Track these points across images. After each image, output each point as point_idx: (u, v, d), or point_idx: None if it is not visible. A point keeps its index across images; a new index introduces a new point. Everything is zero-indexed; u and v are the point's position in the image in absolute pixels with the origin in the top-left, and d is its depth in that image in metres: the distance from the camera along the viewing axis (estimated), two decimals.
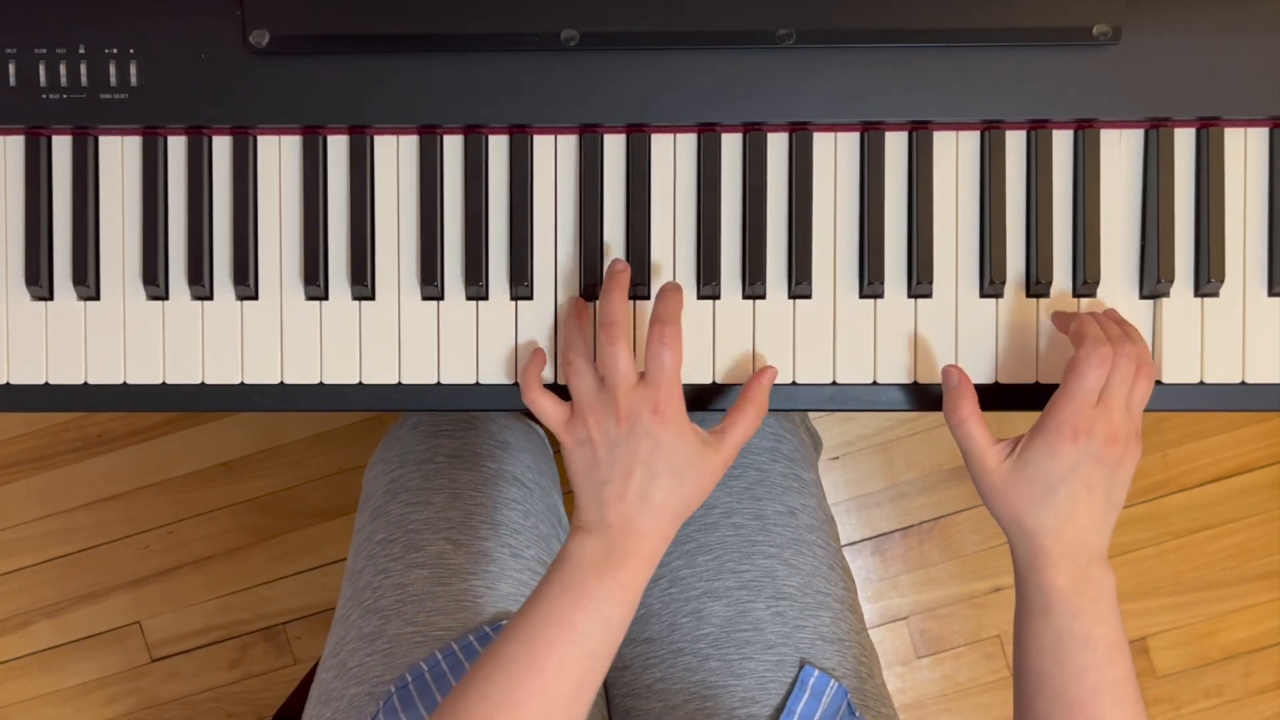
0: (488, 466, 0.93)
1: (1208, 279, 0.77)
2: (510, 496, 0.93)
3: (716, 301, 0.78)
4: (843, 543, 0.98)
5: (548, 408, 0.73)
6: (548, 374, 0.78)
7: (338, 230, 0.78)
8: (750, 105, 0.76)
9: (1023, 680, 0.71)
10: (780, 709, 0.84)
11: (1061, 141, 0.78)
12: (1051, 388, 0.77)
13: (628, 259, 0.78)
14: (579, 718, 0.68)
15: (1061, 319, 0.76)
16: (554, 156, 0.78)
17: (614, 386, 0.71)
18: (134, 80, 0.76)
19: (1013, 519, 0.71)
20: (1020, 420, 0.72)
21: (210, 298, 0.78)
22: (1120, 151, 0.78)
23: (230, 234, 0.78)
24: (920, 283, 0.77)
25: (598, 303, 0.74)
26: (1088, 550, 0.69)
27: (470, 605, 0.87)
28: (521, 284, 0.77)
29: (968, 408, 0.73)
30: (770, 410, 0.78)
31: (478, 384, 0.78)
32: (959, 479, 1.60)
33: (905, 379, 0.78)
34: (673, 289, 0.73)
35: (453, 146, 0.78)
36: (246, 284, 0.77)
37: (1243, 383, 0.78)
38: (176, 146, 0.78)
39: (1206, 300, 0.78)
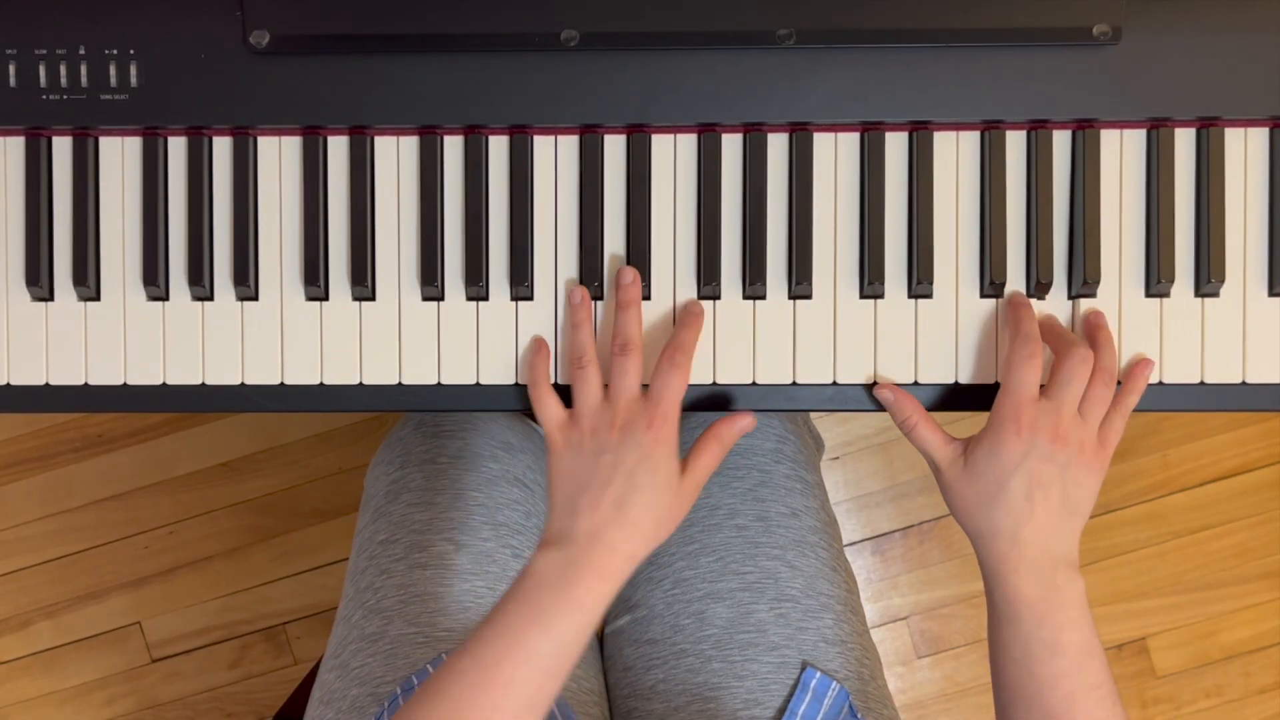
0: (490, 467, 0.93)
1: (1208, 279, 0.77)
2: (512, 497, 0.93)
3: (716, 302, 0.78)
4: (843, 543, 0.98)
5: (552, 407, 0.73)
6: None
7: (338, 230, 0.78)
8: (750, 105, 0.76)
9: (999, 689, 0.71)
10: (782, 711, 0.84)
11: (1061, 141, 0.78)
12: None
13: (628, 259, 0.78)
14: None
15: (1009, 306, 0.76)
16: (554, 157, 0.78)
17: (617, 396, 0.71)
18: (134, 81, 0.76)
19: (970, 520, 0.72)
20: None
21: (211, 298, 0.78)
22: (1120, 151, 0.78)
23: (230, 234, 0.78)
24: (920, 283, 0.77)
25: (615, 319, 0.74)
26: (1050, 556, 0.69)
27: (473, 606, 0.87)
28: (522, 284, 0.77)
29: (914, 414, 0.75)
30: (771, 411, 0.78)
31: (478, 384, 0.78)
32: None
33: (906, 379, 0.78)
34: (694, 318, 0.75)
35: (453, 147, 0.78)
36: (247, 284, 0.77)
37: (1243, 383, 0.78)
38: (176, 147, 0.78)
39: (1206, 300, 0.78)
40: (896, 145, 0.78)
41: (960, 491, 0.72)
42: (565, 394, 0.75)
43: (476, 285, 0.77)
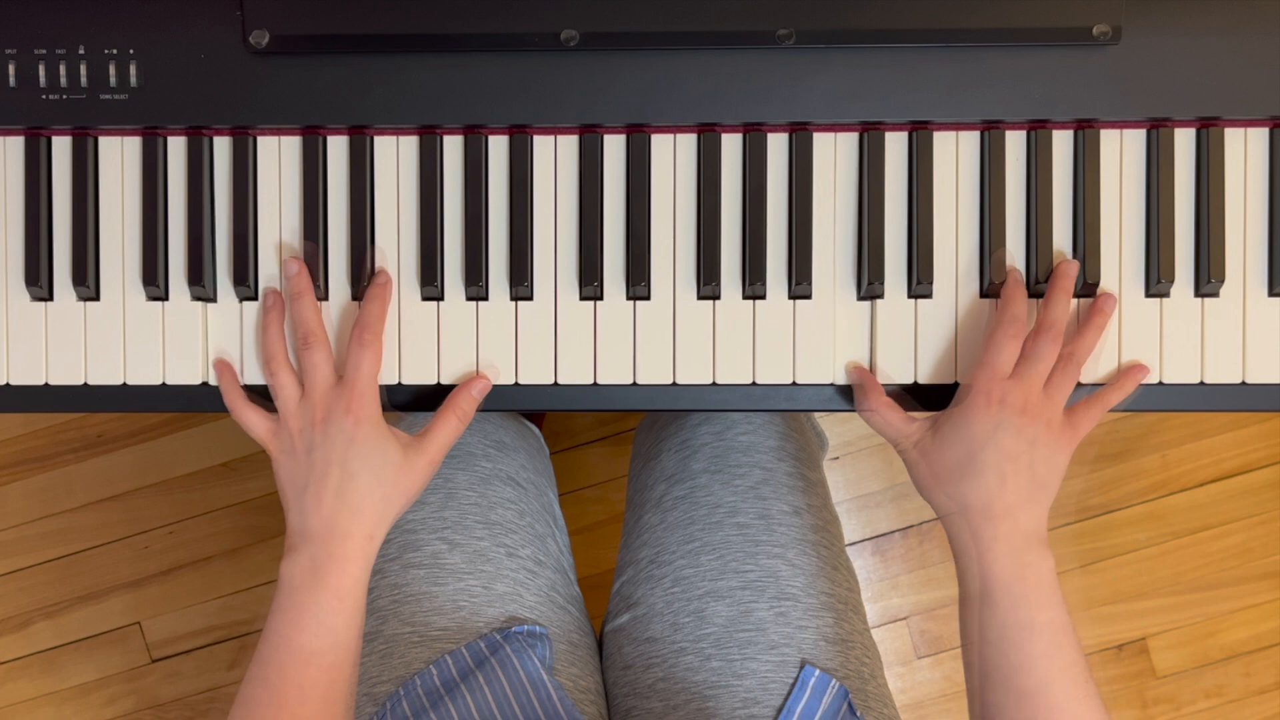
0: (483, 466, 0.93)
1: (1208, 279, 0.77)
2: (505, 496, 0.93)
3: (716, 302, 0.78)
4: (844, 543, 0.98)
5: (255, 420, 0.75)
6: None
7: (337, 230, 0.78)
8: (750, 105, 0.76)
9: (971, 671, 0.71)
10: (781, 709, 0.84)
11: (1061, 141, 0.78)
12: None
13: (627, 259, 0.78)
14: None
15: (1006, 285, 0.77)
16: (554, 157, 0.78)
17: (312, 390, 0.73)
18: (134, 81, 0.76)
19: (939, 495, 0.72)
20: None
21: (210, 298, 0.78)
22: (1120, 151, 0.78)
23: (230, 235, 0.78)
24: (920, 283, 0.77)
25: (290, 311, 0.75)
26: (1022, 533, 0.70)
27: (467, 605, 0.87)
28: (522, 284, 0.77)
29: (874, 397, 0.75)
30: (771, 411, 0.78)
31: None
32: None
33: (906, 379, 0.78)
34: (377, 297, 0.75)
35: (453, 147, 0.78)
36: (246, 285, 0.77)
37: (1243, 383, 0.78)
38: (176, 147, 0.78)
39: (1206, 300, 0.78)
40: (896, 145, 0.78)
41: (929, 465, 0.73)
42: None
43: (476, 285, 0.77)
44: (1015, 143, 0.78)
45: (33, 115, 0.76)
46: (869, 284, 0.77)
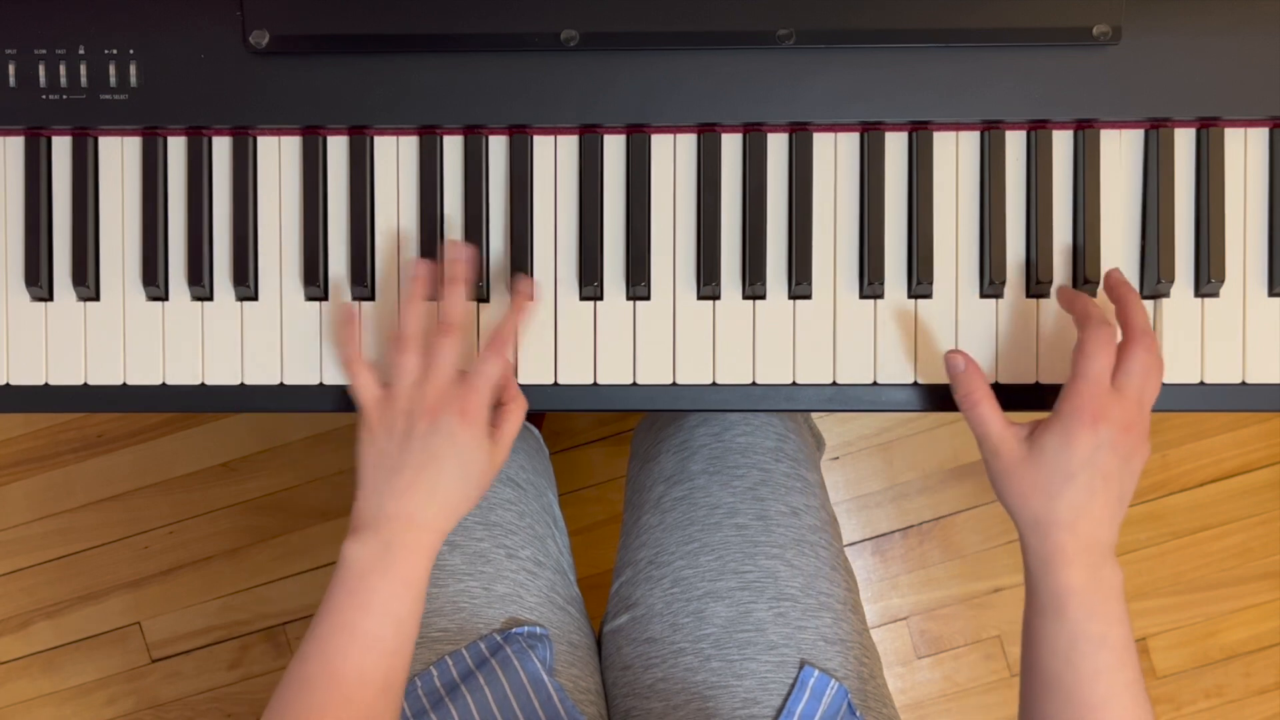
0: None
1: (1208, 279, 0.77)
2: (505, 497, 0.93)
3: (716, 302, 0.78)
4: (843, 543, 0.98)
5: (366, 383, 0.74)
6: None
7: (338, 230, 0.78)
8: (750, 105, 0.76)
9: (1032, 681, 0.70)
10: (781, 709, 0.84)
11: (1061, 141, 0.78)
12: (1052, 388, 0.77)
13: (627, 259, 0.78)
14: (391, 718, 0.68)
15: (1066, 295, 0.74)
16: (554, 157, 0.78)
17: (433, 376, 0.72)
18: (134, 81, 0.76)
19: (1025, 507, 0.69)
20: (1021, 420, 0.72)
21: (210, 298, 0.78)
22: (1120, 151, 0.78)
23: (230, 235, 0.78)
24: (920, 283, 0.77)
25: (441, 295, 0.74)
26: (1100, 547, 0.68)
27: (467, 606, 0.87)
28: None
29: (979, 390, 0.72)
30: (771, 411, 0.78)
31: None
32: (959, 479, 1.60)
33: (906, 379, 0.78)
34: (521, 298, 0.75)
35: (453, 147, 0.78)
36: (246, 285, 0.77)
37: (1243, 383, 0.78)
38: (176, 147, 0.78)
39: (1206, 300, 0.78)
40: (896, 145, 0.78)
41: (1020, 478, 0.69)
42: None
43: (476, 285, 0.77)
44: (1015, 143, 0.78)
45: (33, 115, 0.76)
46: (869, 284, 0.77)
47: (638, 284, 0.77)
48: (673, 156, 0.78)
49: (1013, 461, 0.70)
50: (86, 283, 0.77)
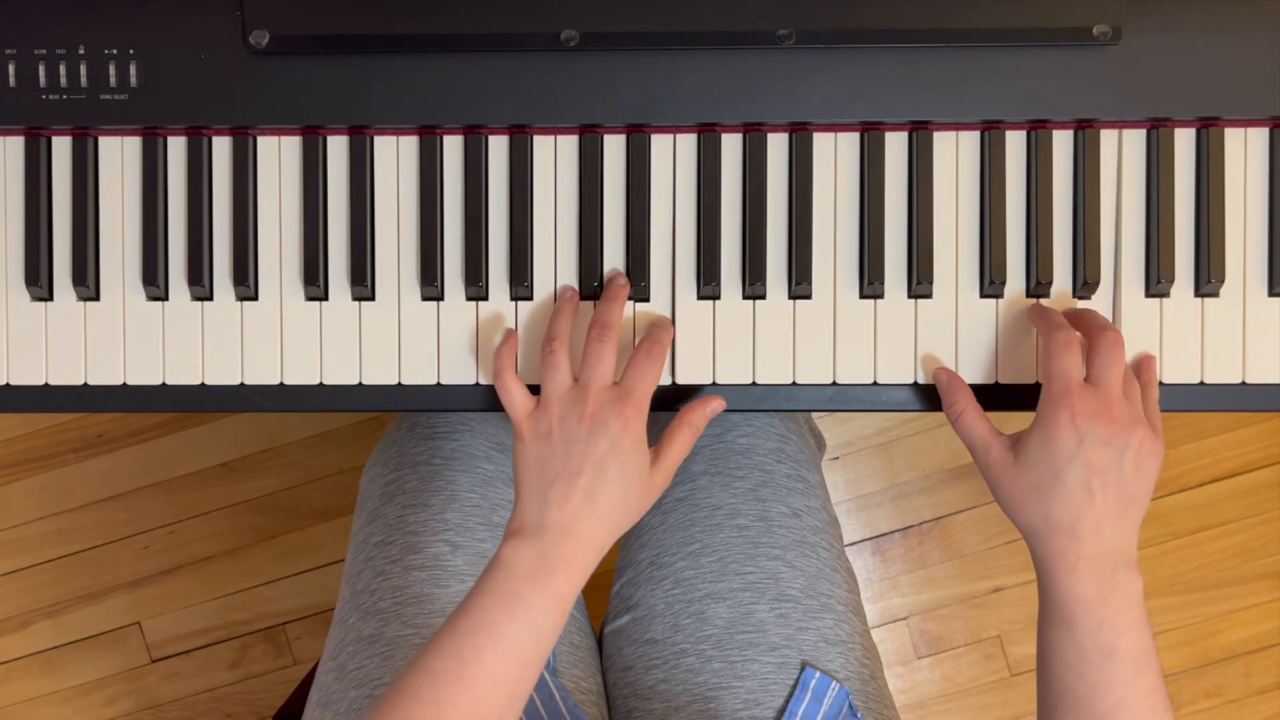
0: (485, 469, 0.93)
1: (1208, 279, 0.77)
2: (508, 498, 0.93)
3: (716, 302, 0.78)
4: (844, 543, 0.98)
5: (517, 395, 0.72)
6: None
7: (338, 231, 0.78)
8: (750, 105, 0.76)
9: (1046, 690, 0.69)
10: (782, 711, 0.84)
11: (1061, 141, 0.78)
12: None
13: (627, 259, 0.78)
14: None
15: (1035, 314, 0.76)
16: (554, 157, 0.78)
17: (588, 383, 0.71)
18: (134, 81, 0.76)
19: (1022, 514, 0.69)
20: (1021, 420, 0.72)
21: (210, 298, 0.78)
22: (1120, 151, 0.78)
23: (230, 234, 0.78)
24: (920, 283, 0.77)
25: (599, 305, 0.74)
26: (1109, 553, 0.66)
27: None
28: (521, 284, 0.77)
29: (963, 401, 0.73)
30: (771, 411, 0.78)
31: (478, 384, 0.78)
32: (959, 479, 1.60)
33: (906, 379, 0.78)
34: (666, 330, 0.75)
35: (453, 147, 0.78)
36: (246, 284, 0.77)
37: (1243, 383, 0.78)
38: (176, 147, 0.78)
39: (1206, 300, 0.78)
40: (896, 145, 0.78)
41: (1011, 484, 0.69)
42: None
43: (476, 285, 0.77)
44: (1015, 143, 0.78)
45: (33, 115, 0.76)
46: (869, 284, 0.77)
47: (637, 284, 0.77)
48: (673, 156, 0.78)
49: (1002, 469, 0.70)
50: (86, 283, 0.77)
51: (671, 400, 0.78)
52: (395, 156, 0.78)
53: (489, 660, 0.65)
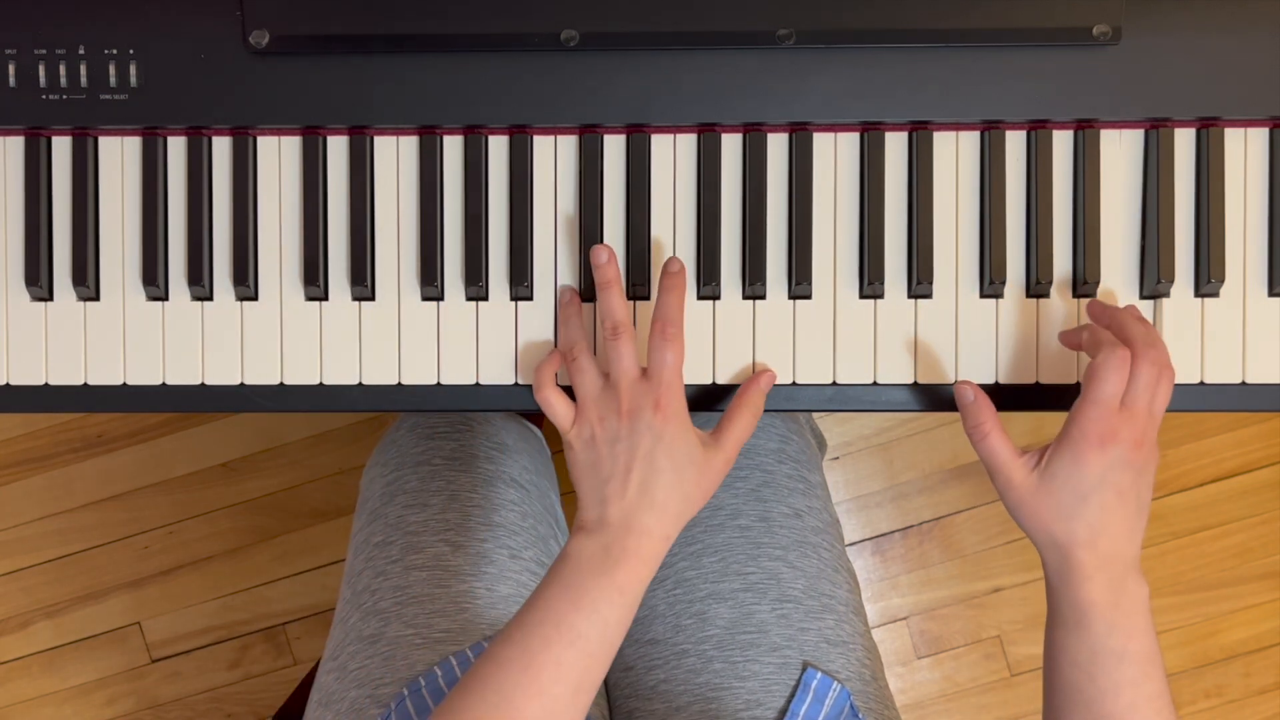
0: (485, 468, 0.93)
1: (1208, 279, 0.77)
2: (508, 498, 0.93)
3: (716, 302, 0.78)
4: (844, 544, 0.98)
5: (560, 407, 0.73)
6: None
7: (338, 231, 0.78)
8: (750, 105, 0.76)
9: (1054, 692, 0.70)
10: (784, 711, 0.84)
11: (1061, 141, 0.78)
12: (1053, 388, 0.77)
13: (627, 259, 0.78)
14: (577, 719, 0.68)
15: (1071, 337, 0.75)
16: (554, 157, 0.78)
17: (617, 381, 0.71)
18: (134, 81, 0.76)
19: (1044, 532, 0.69)
20: (1021, 419, 0.72)
21: (210, 298, 0.78)
22: (1120, 151, 0.78)
23: (230, 234, 0.78)
24: (920, 283, 0.77)
25: (599, 301, 0.74)
26: (1122, 561, 0.68)
27: (470, 607, 0.87)
28: (521, 284, 0.77)
29: (989, 421, 0.71)
30: (771, 411, 0.78)
31: (478, 385, 0.78)
32: (959, 479, 1.60)
33: (906, 379, 0.78)
34: (674, 288, 0.73)
35: (453, 147, 0.78)
36: (246, 284, 0.77)
37: (1243, 383, 0.78)
38: (176, 147, 0.78)
39: (1206, 300, 0.78)
40: (896, 145, 0.78)
41: (1035, 506, 0.69)
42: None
43: (476, 285, 0.77)
44: (1015, 143, 0.78)
45: (33, 115, 0.76)
46: (869, 284, 0.77)
47: (637, 284, 0.77)
48: (673, 156, 0.78)
49: (1026, 491, 0.70)
50: (86, 283, 0.77)
51: None
52: (395, 156, 0.78)
53: (555, 649, 0.66)
